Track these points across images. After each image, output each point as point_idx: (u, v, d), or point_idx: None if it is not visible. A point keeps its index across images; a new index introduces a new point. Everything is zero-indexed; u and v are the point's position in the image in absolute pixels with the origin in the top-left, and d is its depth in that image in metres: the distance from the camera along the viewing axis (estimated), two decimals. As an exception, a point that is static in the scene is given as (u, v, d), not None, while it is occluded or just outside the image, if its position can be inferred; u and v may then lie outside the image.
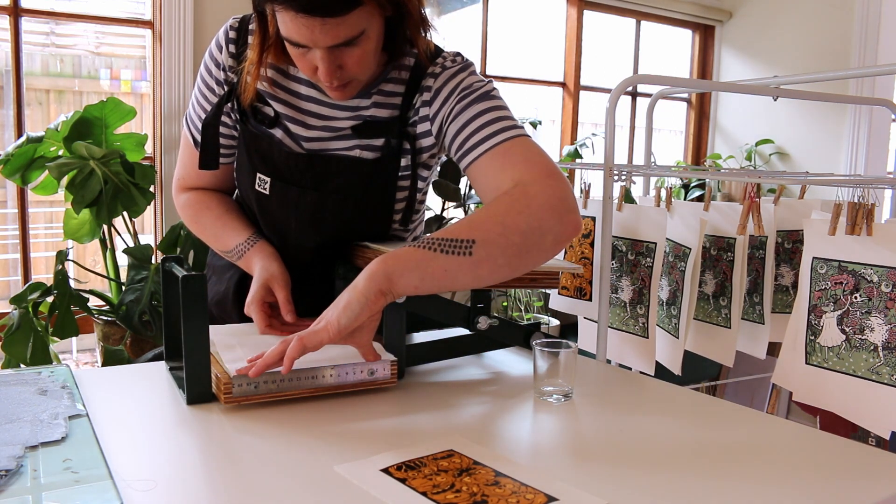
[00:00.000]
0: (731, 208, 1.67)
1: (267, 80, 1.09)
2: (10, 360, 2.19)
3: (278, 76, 1.10)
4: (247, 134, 1.13)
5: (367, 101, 1.10)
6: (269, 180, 1.12)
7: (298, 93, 1.10)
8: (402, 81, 1.10)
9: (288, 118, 1.10)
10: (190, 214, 1.23)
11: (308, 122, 1.11)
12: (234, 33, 1.10)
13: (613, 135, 1.50)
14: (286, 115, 1.11)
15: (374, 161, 1.11)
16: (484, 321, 1.12)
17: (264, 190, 1.13)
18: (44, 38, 3.07)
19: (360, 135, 1.10)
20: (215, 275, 1.30)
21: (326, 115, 1.10)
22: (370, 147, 1.11)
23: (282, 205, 1.14)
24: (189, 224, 1.25)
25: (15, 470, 0.70)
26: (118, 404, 0.93)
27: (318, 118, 1.11)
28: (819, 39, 3.55)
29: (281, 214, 1.15)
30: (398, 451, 0.80)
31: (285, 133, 1.11)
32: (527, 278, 1.13)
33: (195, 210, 1.22)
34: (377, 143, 1.11)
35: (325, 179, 1.11)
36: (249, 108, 1.11)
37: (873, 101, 2.48)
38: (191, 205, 1.22)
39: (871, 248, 1.21)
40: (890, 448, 1.05)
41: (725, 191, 3.52)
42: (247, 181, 1.16)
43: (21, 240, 2.63)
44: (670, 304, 1.64)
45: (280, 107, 1.10)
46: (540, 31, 3.72)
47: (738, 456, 0.84)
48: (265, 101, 1.11)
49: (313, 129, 1.11)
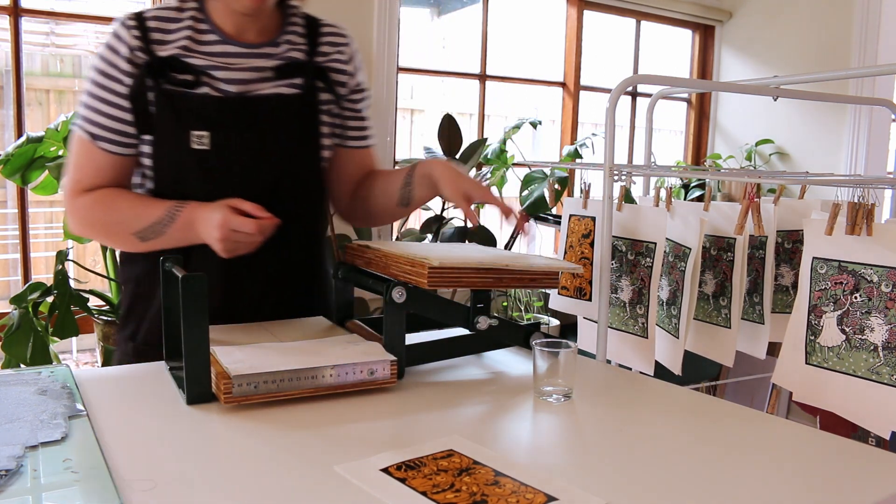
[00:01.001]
0: (731, 208, 1.67)
1: (179, 47, 1.16)
2: (10, 360, 2.18)
3: (191, 42, 1.18)
4: (174, 97, 1.15)
5: (278, 49, 1.23)
6: (207, 133, 1.15)
7: (214, 50, 1.19)
8: (301, 31, 1.26)
9: (211, 67, 1.17)
10: (100, 208, 1.18)
11: (231, 65, 1.18)
12: (134, 21, 1.16)
13: (613, 135, 1.50)
14: (209, 65, 1.17)
15: (298, 97, 1.22)
16: (484, 321, 1.12)
17: (204, 145, 1.15)
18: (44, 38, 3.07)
19: (282, 75, 1.21)
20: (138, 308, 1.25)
21: (245, 62, 1.20)
22: (292, 85, 1.22)
23: (224, 154, 1.17)
24: (97, 219, 1.19)
25: (15, 470, 0.70)
26: (118, 404, 0.93)
27: (241, 59, 1.19)
28: (819, 39, 3.55)
29: (224, 165, 1.17)
30: (398, 450, 0.80)
31: (211, 86, 1.17)
32: (527, 278, 1.13)
33: (106, 201, 1.18)
34: (297, 82, 1.22)
35: (260, 119, 1.19)
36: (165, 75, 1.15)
37: (873, 101, 2.48)
38: (98, 199, 1.18)
39: (871, 248, 1.21)
40: (890, 448, 1.05)
41: (725, 191, 3.52)
42: (179, 148, 1.16)
43: (21, 240, 2.63)
44: (670, 304, 1.64)
45: (201, 60, 1.17)
46: (540, 31, 3.71)
47: (738, 456, 0.83)
48: (180, 68, 1.16)
49: (238, 71, 1.18)
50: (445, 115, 2.63)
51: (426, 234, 2.71)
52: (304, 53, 1.25)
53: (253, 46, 1.21)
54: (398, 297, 1.03)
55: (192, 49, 1.17)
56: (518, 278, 1.12)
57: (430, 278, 1.01)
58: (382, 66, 2.78)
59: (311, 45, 1.26)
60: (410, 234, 2.75)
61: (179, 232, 1.14)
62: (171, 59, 1.15)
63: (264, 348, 1.01)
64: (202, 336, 0.92)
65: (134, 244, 1.18)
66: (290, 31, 1.25)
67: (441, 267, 1.03)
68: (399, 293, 1.03)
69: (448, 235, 2.64)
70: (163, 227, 1.15)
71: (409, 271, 1.05)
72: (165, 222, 1.15)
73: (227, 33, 1.19)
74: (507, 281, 1.10)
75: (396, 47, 2.82)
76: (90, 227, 1.21)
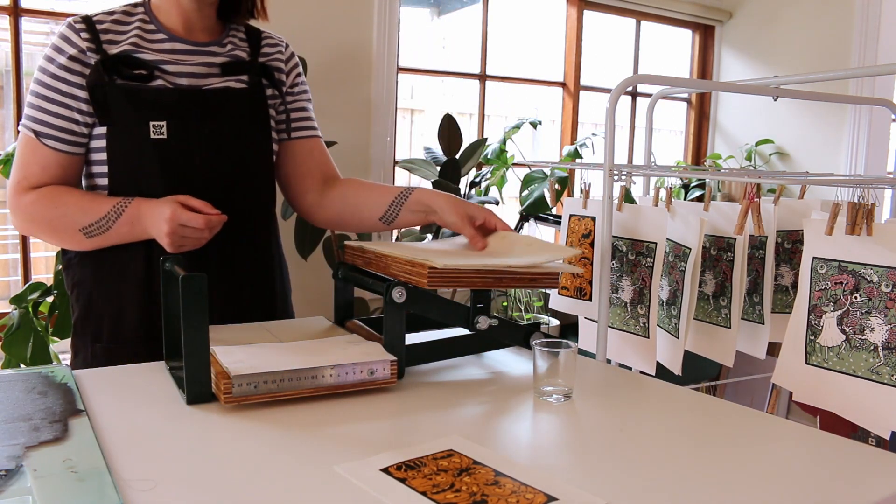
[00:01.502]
0: (731, 208, 1.67)
1: (130, 44, 1.20)
2: (10, 360, 2.18)
3: (140, 40, 1.22)
4: (130, 90, 1.18)
5: (224, 48, 1.29)
6: (164, 123, 1.18)
7: (163, 47, 1.23)
8: (242, 37, 1.33)
9: (162, 62, 1.21)
10: (45, 203, 1.18)
11: (181, 60, 1.23)
12: (83, 24, 1.19)
13: (613, 135, 1.50)
14: (160, 60, 1.21)
15: (246, 91, 1.28)
16: (484, 321, 1.12)
17: (162, 135, 1.18)
18: (44, 39, 3.06)
19: (229, 71, 1.27)
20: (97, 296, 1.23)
21: (194, 59, 1.25)
22: (239, 81, 1.28)
23: (182, 143, 1.20)
24: (41, 215, 1.18)
25: (15, 470, 0.70)
26: (118, 404, 0.93)
27: (189, 56, 1.24)
28: (819, 39, 3.55)
29: (182, 155, 1.20)
30: (398, 451, 0.80)
31: (164, 79, 1.21)
32: (527, 278, 1.13)
33: (51, 196, 1.18)
34: (244, 79, 1.28)
35: (215, 110, 1.24)
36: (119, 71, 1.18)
37: (873, 101, 2.48)
38: (43, 195, 1.18)
39: (871, 248, 1.21)
40: (890, 448, 1.05)
41: (725, 191, 3.52)
42: (137, 139, 1.18)
43: (21, 240, 2.63)
44: (670, 303, 1.64)
45: (152, 55, 1.21)
46: (540, 31, 3.71)
47: (738, 456, 0.84)
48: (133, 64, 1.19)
49: (187, 66, 1.23)
50: (445, 115, 2.63)
51: (426, 233, 2.71)
52: (247, 54, 1.31)
53: (200, 45, 1.26)
54: (398, 297, 1.03)
55: (141, 46, 1.21)
56: (518, 278, 1.12)
57: (430, 279, 1.01)
58: (382, 66, 2.78)
59: (252, 47, 1.33)
60: (410, 234, 2.75)
61: (126, 227, 1.16)
62: (123, 54, 1.19)
63: (264, 348, 1.01)
64: (202, 336, 0.92)
65: (79, 241, 1.18)
66: (232, 34, 1.32)
67: (441, 267, 1.03)
68: (399, 293, 1.03)
69: (448, 234, 2.64)
70: (109, 223, 1.16)
71: (409, 271, 1.05)
72: (112, 217, 1.16)
73: (175, 32, 1.25)
74: (507, 281, 1.10)
75: (396, 47, 2.82)
76: (34, 223, 1.20)
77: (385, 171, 2.86)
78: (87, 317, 1.23)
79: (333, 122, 2.67)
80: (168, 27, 1.24)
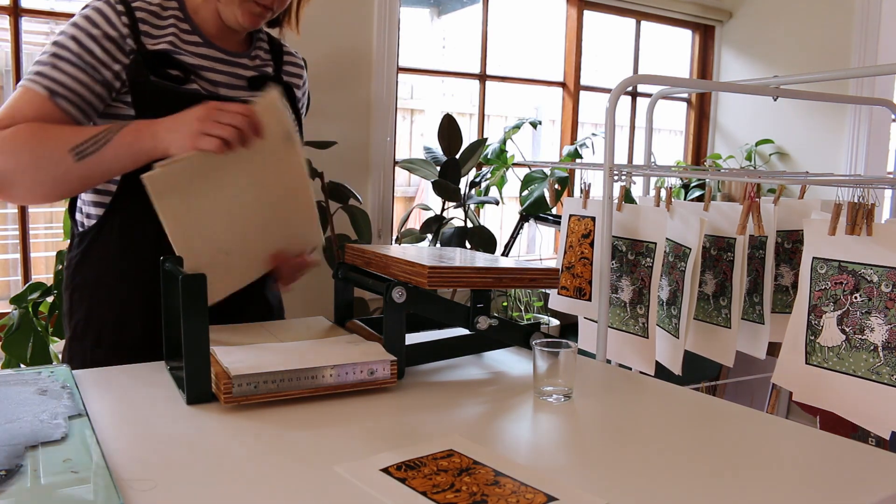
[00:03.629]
0: (731, 208, 1.67)
1: (168, 42, 1.17)
2: (10, 360, 2.18)
3: (177, 40, 1.18)
4: (168, 92, 1.13)
5: (253, 62, 1.28)
6: None
7: (199, 51, 1.20)
8: (266, 48, 1.32)
9: (201, 68, 1.19)
10: (28, 130, 1.05)
11: (217, 68, 1.22)
12: (122, 7, 1.14)
13: (613, 135, 1.50)
14: (198, 65, 1.19)
15: None
16: (484, 321, 1.12)
17: None
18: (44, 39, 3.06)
19: (255, 86, 1.25)
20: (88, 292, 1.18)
21: (226, 69, 1.23)
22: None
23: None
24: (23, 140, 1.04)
25: (15, 470, 0.70)
26: (118, 404, 0.93)
27: (222, 65, 1.23)
28: (819, 39, 3.55)
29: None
30: (398, 451, 0.80)
31: (200, 85, 1.18)
32: (527, 278, 1.13)
33: (38, 124, 1.06)
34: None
35: None
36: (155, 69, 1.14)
37: (873, 101, 2.48)
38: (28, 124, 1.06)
39: (871, 248, 1.21)
40: (890, 448, 1.05)
41: (725, 191, 3.52)
42: None
43: (21, 240, 2.63)
44: (670, 304, 1.64)
45: (191, 58, 1.18)
46: (540, 31, 3.71)
47: (738, 456, 0.84)
48: (171, 64, 1.15)
49: (220, 75, 1.22)
50: (445, 115, 2.63)
51: (426, 233, 2.71)
52: (272, 69, 1.31)
53: (231, 54, 1.24)
54: (398, 297, 1.03)
55: (179, 47, 1.18)
56: (518, 278, 1.12)
57: (430, 278, 1.02)
58: (382, 66, 2.78)
59: (275, 61, 1.33)
60: (410, 234, 2.75)
61: (129, 137, 1.03)
62: (163, 53, 1.15)
63: (265, 348, 1.01)
64: (202, 336, 0.92)
65: (65, 168, 1.03)
66: (258, 46, 1.31)
67: (441, 267, 1.03)
68: (399, 293, 1.03)
69: (448, 235, 2.64)
70: (108, 135, 1.04)
71: (409, 271, 1.05)
72: (112, 130, 1.04)
73: (210, 37, 1.22)
74: (507, 281, 1.10)
75: (396, 47, 2.82)
76: (12, 152, 1.04)
77: (385, 171, 2.86)
78: (88, 321, 1.19)
79: (333, 122, 2.67)
80: (204, 31, 1.22)
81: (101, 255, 1.18)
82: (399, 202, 3.39)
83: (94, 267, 1.19)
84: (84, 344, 1.20)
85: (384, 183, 2.85)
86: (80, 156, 1.03)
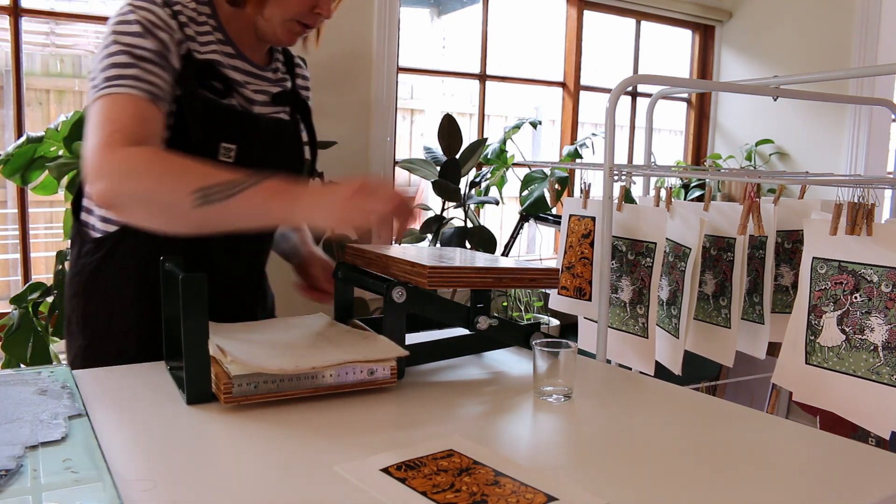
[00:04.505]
0: (731, 208, 1.67)
1: (213, 52, 1.14)
2: (10, 360, 2.18)
3: (220, 51, 1.15)
4: (209, 105, 1.11)
5: (275, 76, 1.26)
6: (234, 147, 1.13)
7: (236, 65, 1.18)
8: (282, 59, 1.30)
9: (240, 84, 1.17)
10: (152, 155, 0.99)
11: (250, 82, 1.20)
12: (169, 9, 1.09)
13: (613, 135, 1.50)
14: (238, 80, 1.17)
15: (290, 124, 1.26)
16: (484, 321, 1.12)
17: (229, 158, 1.13)
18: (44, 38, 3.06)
19: (278, 101, 1.24)
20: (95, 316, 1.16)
21: (257, 82, 1.21)
22: (285, 112, 1.26)
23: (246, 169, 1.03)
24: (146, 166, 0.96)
25: (15, 470, 0.70)
26: (118, 404, 0.93)
27: (253, 79, 1.21)
28: (819, 39, 3.55)
29: None
30: (398, 451, 0.80)
31: (238, 101, 1.17)
32: (526, 278, 1.13)
33: (163, 153, 1.01)
34: (287, 110, 1.26)
35: (274, 140, 1.21)
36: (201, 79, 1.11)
37: (873, 101, 2.48)
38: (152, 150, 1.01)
39: (871, 248, 1.21)
40: (890, 448, 1.05)
41: (725, 191, 3.52)
42: (204, 157, 1.05)
43: (21, 240, 2.63)
44: (670, 304, 1.64)
45: (234, 73, 1.17)
46: (540, 31, 3.71)
47: (738, 456, 0.83)
48: (213, 75, 1.13)
49: (258, 94, 1.21)
50: (445, 115, 2.63)
51: (426, 233, 2.71)
52: (290, 83, 1.29)
53: (260, 67, 1.22)
54: (398, 296, 1.03)
55: (221, 58, 1.15)
56: (518, 278, 1.12)
57: (431, 278, 1.02)
58: (382, 66, 2.78)
59: (290, 74, 1.30)
60: (410, 234, 2.75)
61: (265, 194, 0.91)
62: (211, 63, 1.12)
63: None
64: (202, 336, 0.92)
65: (182, 213, 0.94)
66: (276, 57, 1.28)
67: (441, 267, 1.03)
68: (399, 293, 1.03)
69: (448, 235, 2.64)
70: (242, 187, 0.91)
71: (409, 271, 1.05)
72: (247, 182, 0.92)
73: (243, 50, 1.20)
74: (507, 281, 1.10)
75: (396, 47, 2.82)
76: (133, 178, 0.96)
77: (385, 172, 2.85)
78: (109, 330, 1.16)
79: (333, 122, 2.67)
80: (236, 41, 1.18)
81: (122, 263, 1.14)
82: (399, 202, 3.37)
83: (115, 275, 1.15)
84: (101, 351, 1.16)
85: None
86: (204, 200, 0.91)
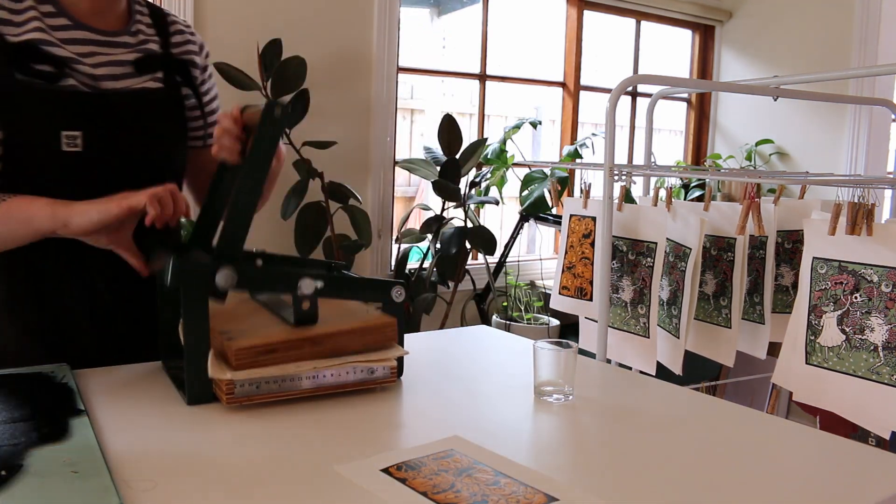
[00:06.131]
0: (731, 208, 1.67)
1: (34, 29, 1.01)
2: None
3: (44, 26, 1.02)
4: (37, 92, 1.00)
5: (134, 39, 1.11)
6: (79, 133, 1.02)
7: (70, 36, 1.04)
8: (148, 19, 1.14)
9: (74, 61, 1.03)
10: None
11: (95, 53, 1.06)
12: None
13: (613, 135, 1.50)
14: (71, 55, 1.03)
15: (164, 92, 1.12)
16: (308, 284, 0.95)
17: (76, 147, 1.02)
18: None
19: (143, 68, 1.10)
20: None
21: (106, 52, 1.07)
22: (155, 80, 1.11)
23: (97, 157, 1.04)
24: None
25: (15, 470, 0.70)
26: (118, 404, 0.93)
27: (100, 48, 1.07)
28: (819, 39, 3.55)
29: (97, 170, 1.04)
30: (398, 451, 0.80)
31: (76, 79, 1.03)
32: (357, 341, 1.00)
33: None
34: (159, 76, 1.12)
35: (133, 116, 1.08)
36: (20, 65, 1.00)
37: (873, 101, 2.48)
38: None
39: (871, 248, 1.21)
40: (890, 448, 1.05)
41: (725, 191, 3.52)
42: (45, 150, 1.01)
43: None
44: (671, 303, 1.64)
45: (61, 49, 1.02)
46: (540, 31, 3.71)
47: (738, 456, 0.83)
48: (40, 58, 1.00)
49: (101, 63, 1.06)
50: (445, 115, 2.63)
51: (426, 233, 2.71)
52: (158, 44, 1.14)
53: (109, 34, 1.08)
54: (398, 296, 1.03)
55: (48, 35, 1.02)
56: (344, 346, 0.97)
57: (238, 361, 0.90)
58: (382, 66, 2.78)
59: (161, 35, 1.15)
60: (410, 234, 2.75)
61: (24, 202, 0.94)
62: (28, 45, 0.99)
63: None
64: (202, 336, 0.92)
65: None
66: (138, 18, 1.13)
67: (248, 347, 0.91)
68: (398, 293, 1.03)
69: (448, 235, 2.64)
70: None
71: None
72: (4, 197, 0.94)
73: (80, 17, 1.05)
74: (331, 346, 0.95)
75: (396, 47, 2.82)
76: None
77: (385, 172, 2.86)
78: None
79: (333, 122, 2.67)
80: (72, 10, 1.04)
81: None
82: (399, 202, 3.39)
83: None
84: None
85: (384, 183, 2.85)
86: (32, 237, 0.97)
